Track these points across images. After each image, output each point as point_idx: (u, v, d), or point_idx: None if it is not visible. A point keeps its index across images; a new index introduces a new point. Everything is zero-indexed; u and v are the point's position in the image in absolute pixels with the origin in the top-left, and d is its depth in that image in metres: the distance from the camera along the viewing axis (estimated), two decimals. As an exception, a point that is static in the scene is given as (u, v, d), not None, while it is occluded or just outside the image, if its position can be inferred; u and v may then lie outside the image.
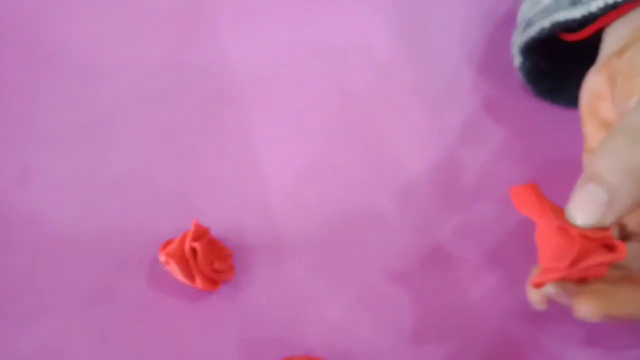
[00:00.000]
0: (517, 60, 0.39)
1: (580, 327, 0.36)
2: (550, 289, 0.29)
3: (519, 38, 0.38)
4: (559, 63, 0.39)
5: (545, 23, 0.35)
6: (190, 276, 0.35)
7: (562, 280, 0.27)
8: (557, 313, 0.36)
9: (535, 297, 0.30)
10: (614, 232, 0.30)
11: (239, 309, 0.36)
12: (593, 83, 0.33)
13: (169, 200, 0.39)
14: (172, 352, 0.35)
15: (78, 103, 0.42)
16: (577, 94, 0.38)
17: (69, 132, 0.41)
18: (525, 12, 0.38)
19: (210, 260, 0.36)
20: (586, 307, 0.27)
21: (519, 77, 0.40)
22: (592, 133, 0.34)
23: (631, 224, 0.32)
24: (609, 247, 0.26)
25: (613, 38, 0.33)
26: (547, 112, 0.41)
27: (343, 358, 0.35)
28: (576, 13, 0.33)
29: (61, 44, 0.44)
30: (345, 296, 0.37)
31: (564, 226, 0.26)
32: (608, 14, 0.33)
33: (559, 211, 0.27)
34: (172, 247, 0.35)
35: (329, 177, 0.40)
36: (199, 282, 0.35)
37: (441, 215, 0.39)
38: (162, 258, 0.35)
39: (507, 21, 0.42)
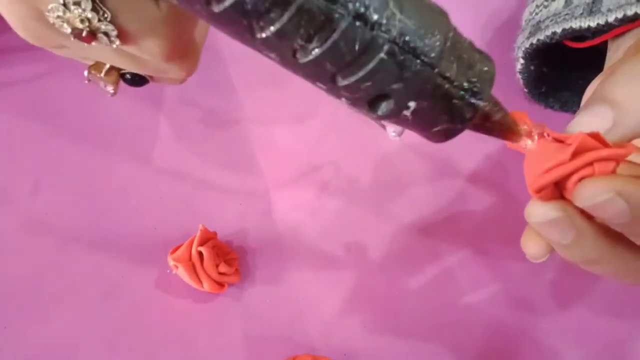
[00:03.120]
0: (519, 63, 0.38)
1: (576, 323, 0.36)
2: (552, 214, 0.21)
3: (526, 42, 0.36)
4: (558, 68, 0.39)
5: (557, 29, 0.34)
6: (197, 280, 0.36)
7: (561, 183, 0.21)
8: (554, 309, 0.36)
9: (534, 248, 0.24)
10: None
11: (244, 310, 0.37)
12: None
13: (176, 207, 0.39)
14: (180, 351, 0.36)
15: (86, 115, 0.42)
16: (572, 98, 0.38)
17: (78, 144, 0.41)
18: (531, 15, 0.37)
19: (216, 264, 0.36)
20: (593, 183, 0.20)
21: (518, 80, 0.40)
22: None
23: None
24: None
25: (622, 48, 0.32)
26: (544, 115, 0.41)
27: (344, 356, 0.35)
28: (592, 22, 0.32)
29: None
30: (346, 296, 0.37)
31: (563, 136, 0.22)
32: (623, 25, 0.32)
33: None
34: (179, 252, 0.36)
35: (328, 181, 0.40)
36: (206, 285, 0.36)
37: (439, 214, 0.39)
38: (171, 262, 0.36)
39: (508, 27, 0.42)
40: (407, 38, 0.18)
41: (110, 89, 0.29)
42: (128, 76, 0.28)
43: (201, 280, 0.36)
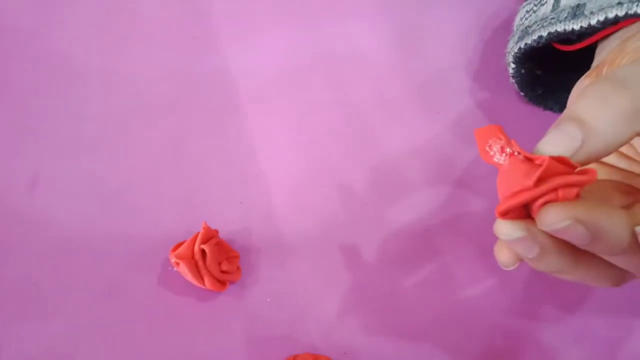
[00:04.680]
0: (510, 68, 0.39)
1: (578, 323, 0.36)
2: (516, 234, 0.24)
3: (515, 46, 0.37)
4: (553, 70, 0.40)
5: (543, 32, 0.35)
6: (199, 277, 0.36)
7: (527, 204, 0.23)
8: (555, 308, 0.36)
9: (504, 256, 0.26)
10: None
11: (246, 308, 0.37)
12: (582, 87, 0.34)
13: (177, 204, 0.39)
14: (181, 350, 0.36)
15: (86, 110, 0.42)
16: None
17: (78, 138, 0.41)
18: (521, 20, 0.38)
19: (218, 262, 0.36)
20: (552, 210, 0.22)
21: (512, 84, 0.40)
22: None
23: None
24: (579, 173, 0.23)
25: (606, 51, 0.33)
26: (541, 117, 0.41)
27: (345, 355, 0.36)
28: (576, 25, 0.33)
29: (69, 52, 0.44)
30: (347, 296, 0.37)
31: (532, 156, 0.23)
32: (607, 28, 0.33)
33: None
34: (182, 249, 0.36)
35: (329, 180, 0.40)
36: (207, 283, 0.36)
37: (438, 215, 0.39)
38: (173, 260, 0.36)
39: (505, 28, 0.42)
40: None
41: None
42: None
43: (203, 278, 0.36)
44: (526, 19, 0.38)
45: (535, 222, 0.23)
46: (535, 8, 0.37)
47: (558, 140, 0.24)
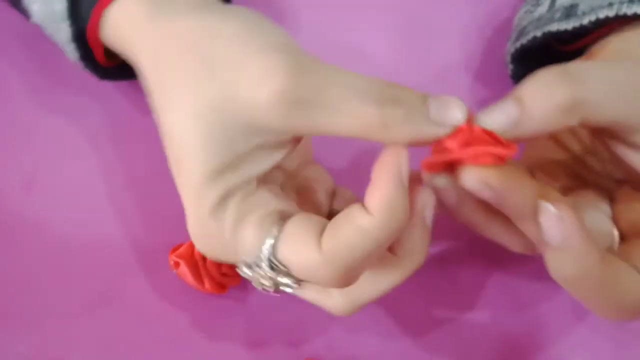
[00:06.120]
0: (509, 68, 0.39)
1: (583, 326, 0.37)
2: (441, 181, 0.28)
3: (511, 47, 0.38)
4: None
5: (538, 33, 0.35)
6: (199, 278, 0.36)
7: (450, 164, 0.27)
8: (560, 316, 0.36)
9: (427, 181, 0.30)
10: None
11: (247, 313, 0.37)
12: None
13: (177, 207, 0.38)
14: (178, 355, 0.36)
15: (84, 110, 0.42)
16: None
17: (74, 139, 0.41)
18: (519, 21, 0.39)
19: (219, 264, 0.36)
20: (470, 171, 0.26)
21: (512, 84, 0.40)
22: None
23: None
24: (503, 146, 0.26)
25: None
26: None
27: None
28: (568, 26, 0.33)
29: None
30: None
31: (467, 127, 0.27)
32: (600, 29, 0.33)
33: None
34: (182, 250, 0.36)
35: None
36: (207, 285, 0.36)
37: (442, 217, 0.39)
38: (172, 261, 0.36)
39: (507, 27, 0.42)
40: None
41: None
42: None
43: (203, 280, 0.36)
44: (523, 19, 0.38)
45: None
46: (532, 9, 0.37)
47: (496, 115, 0.26)
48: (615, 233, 0.30)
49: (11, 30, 0.45)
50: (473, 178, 0.26)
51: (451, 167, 0.28)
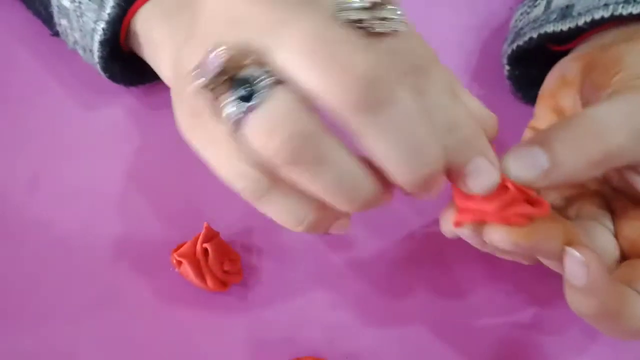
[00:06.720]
0: (505, 70, 0.39)
1: (582, 331, 0.36)
2: (465, 231, 0.28)
3: (508, 48, 0.38)
4: (548, 70, 0.39)
5: (534, 34, 0.35)
6: (201, 276, 0.36)
7: (481, 223, 0.27)
8: (559, 316, 0.36)
9: (448, 231, 0.30)
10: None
11: (247, 310, 0.37)
12: (566, 68, 0.34)
13: (178, 206, 0.39)
14: (180, 353, 0.36)
15: (86, 111, 0.42)
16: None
17: (76, 139, 0.41)
18: (515, 22, 0.39)
19: (221, 262, 0.36)
20: (497, 232, 0.26)
21: (508, 85, 0.41)
22: (543, 115, 0.35)
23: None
24: (533, 204, 0.26)
25: (590, 46, 0.34)
26: None
27: (347, 359, 0.36)
28: (564, 26, 0.34)
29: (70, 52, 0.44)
30: (349, 299, 0.37)
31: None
32: (594, 29, 0.34)
33: None
34: (184, 248, 0.36)
35: None
36: (209, 283, 0.36)
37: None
38: (174, 260, 0.36)
39: (504, 28, 0.42)
40: None
41: None
42: None
43: (205, 277, 0.36)
44: (520, 20, 0.38)
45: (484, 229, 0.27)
46: (528, 10, 0.38)
47: (525, 162, 0.26)
48: (618, 252, 0.30)
49: (12, 31, 0.45)
50: (503, 240, 0.26)
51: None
